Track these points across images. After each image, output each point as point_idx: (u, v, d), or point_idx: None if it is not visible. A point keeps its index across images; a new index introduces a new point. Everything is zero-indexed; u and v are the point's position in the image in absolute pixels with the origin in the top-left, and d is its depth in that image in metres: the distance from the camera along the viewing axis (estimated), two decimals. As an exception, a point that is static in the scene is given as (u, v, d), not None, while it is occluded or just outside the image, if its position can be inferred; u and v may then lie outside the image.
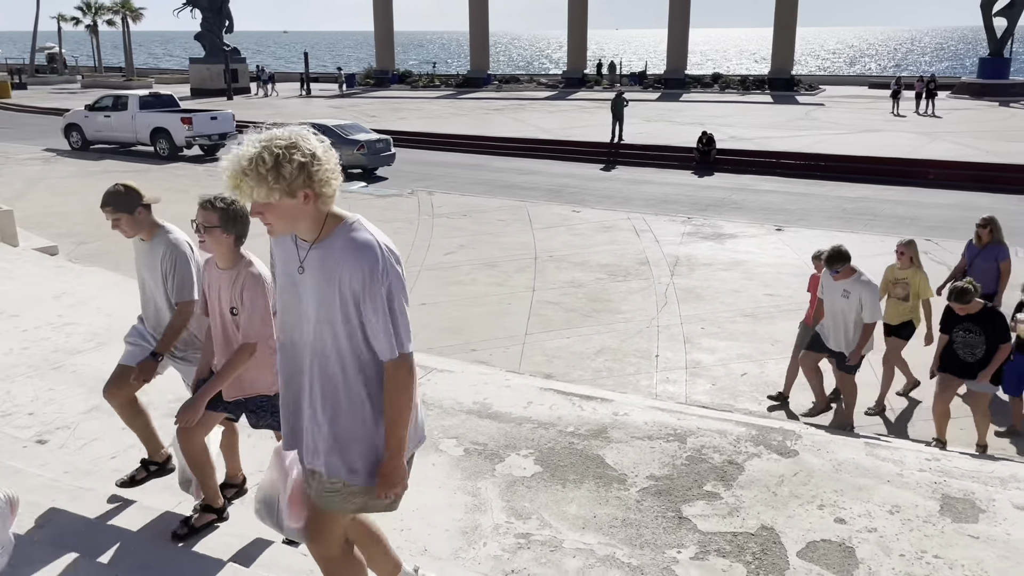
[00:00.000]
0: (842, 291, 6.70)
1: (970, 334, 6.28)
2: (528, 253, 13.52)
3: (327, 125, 21.81)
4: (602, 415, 5.83)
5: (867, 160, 21.66)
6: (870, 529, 4.40)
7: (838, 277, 6.74)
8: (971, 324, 6.21)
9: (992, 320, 6.20)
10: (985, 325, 6.20)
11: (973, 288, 6.19)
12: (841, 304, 6.73)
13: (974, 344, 6.27)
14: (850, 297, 6.63)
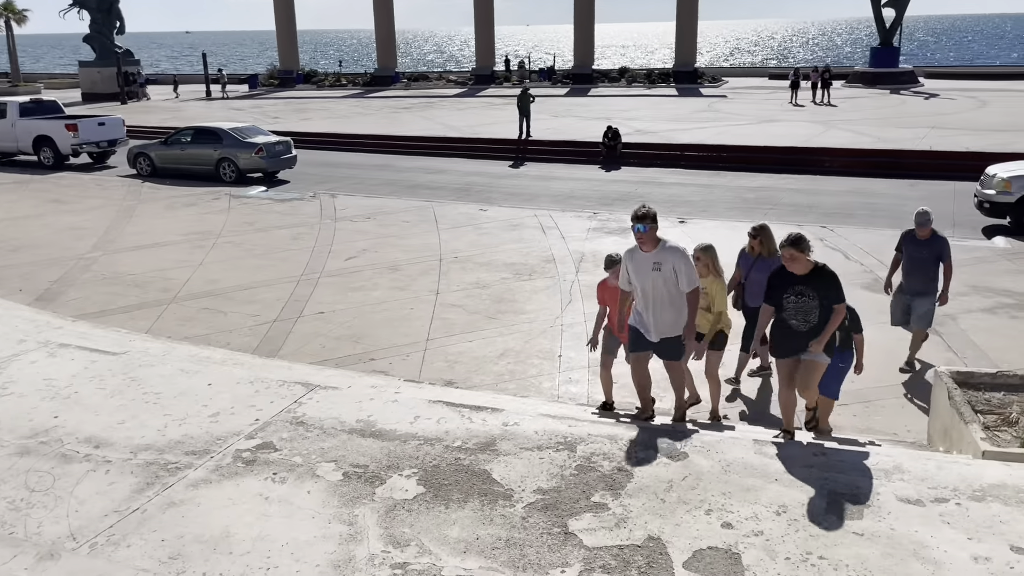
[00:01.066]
0: (652, 264, 6.07)
1: (803, 298, 5.82)
2: (433, 255, 13.24)
3: (222, 128, 21.04)
4: (492, 426, 5.62)
5: (767, 150, 22.13)
6: (756, 532, 4.31)
7: (644, 240, 6.04)
8: (803, 287, 5.76)
9: (827, 278, 5.76)
10: (818, 286, 5.75)
11: None
12: (653, 279, 6.09)
13: (807, 309, 5.82)
14: (663, 268, 6.07)
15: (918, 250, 8.21)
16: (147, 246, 14.04)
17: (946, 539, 4.21)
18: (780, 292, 5.94)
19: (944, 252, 8.12)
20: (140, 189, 19.67)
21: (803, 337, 5.90)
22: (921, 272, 8.22)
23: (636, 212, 6.08)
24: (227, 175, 20.50)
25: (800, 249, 5.73)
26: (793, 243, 5.75)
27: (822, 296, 5.78)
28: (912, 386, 7.90)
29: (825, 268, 5.83)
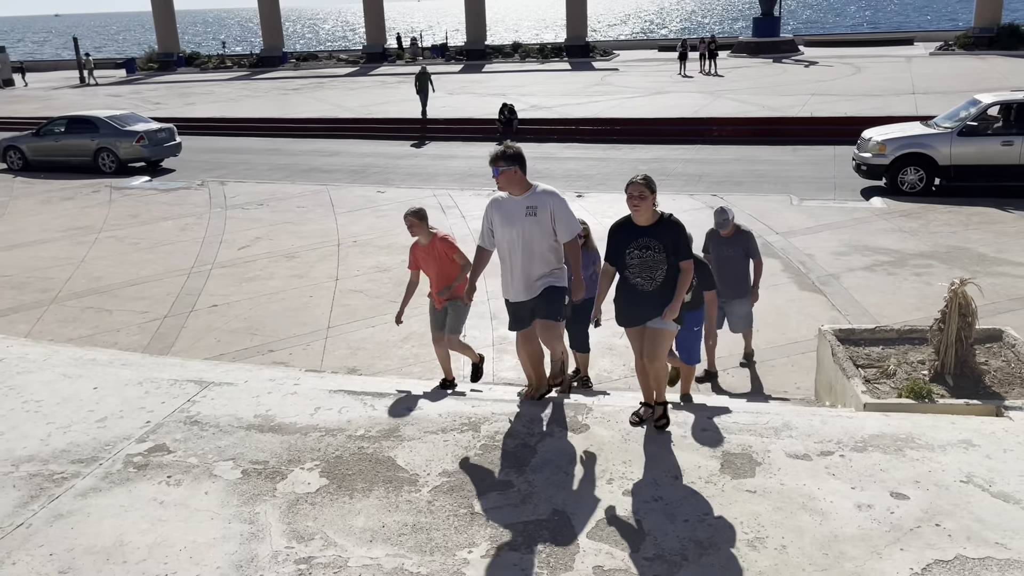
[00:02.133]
0: (525, 209, 5.40)
1: (648, 251, 5.05)
2: (331, 240, 12.99)
3: (99, 116, 20.00)
4: (395, 412, 5.57)
5: (658, 122, 22.62)
6: (656, 498, 4.44)
7: (504, 183, 5.43)
8: (649, 239, 5.01)
9: (675, 229, 5.06)
10: (666, 239, 5.02)
11: None
12: (526, 228, 5.39)
13: (653, 265, 5.07)
14: (538, 213, 5.39)
15: (725, 248, 7.61)
16: (22, 244, 13.25)
17: (832, 490, 4.44)
18: (623, 247, 5.16)
19: (751, 247, 7.63)
20: (12, 184, 18.52)
21: (649, 299, 5.11)
22: (731, 272, 7.61)
23: (492, 153, 5.43)
24: (107, 166, 19.52)
25: (650, 188, 5.01)
26: (645, 179, 5.05)
27: (669, 251, 5.04)
28: (800, 345, 8.27)
29: (672, 218, 5.10)
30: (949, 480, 4.51)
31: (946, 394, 5.77)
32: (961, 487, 4.44)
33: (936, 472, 4.59)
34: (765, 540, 4.04)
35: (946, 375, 5.99)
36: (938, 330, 6.07)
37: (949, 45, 38.25)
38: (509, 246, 5.52)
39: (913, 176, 14.44)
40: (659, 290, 5.11)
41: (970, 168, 14.16)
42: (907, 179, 14.48)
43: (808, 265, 10.69)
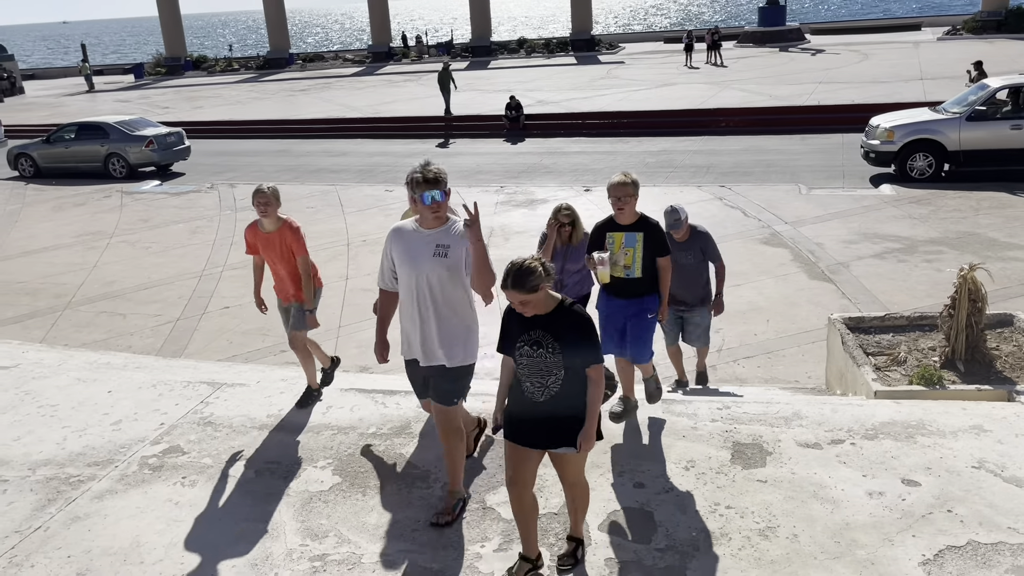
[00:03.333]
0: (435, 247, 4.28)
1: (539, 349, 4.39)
2: (340, 239, 13.04)
3: (108, 122, 20.12)
4: (405, 410, 5.61)
5: (665, 114, 22.56)
6: (667, 489, 4.45)
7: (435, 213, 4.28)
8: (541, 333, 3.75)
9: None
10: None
11: None
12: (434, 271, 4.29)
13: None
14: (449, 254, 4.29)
15: (680, 254, 6.32)
16: (36, 251, 13.36)
17: (843, 478, 4.45)
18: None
19: (710, 250, 6.45)
20: (24, 192, 18.66)
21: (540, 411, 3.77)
22: (690, 279, 6.45)
23: (424, 173, 4.18)
24: (117, 171, 19.64)
25: (527, 288, 3.59)
26: (517, 282, 3.59)
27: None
28: (811, 335, 8.25)
29: (573, 308, 3.74)
30: (961, 466, 4.50)
31: (957, 380, 5.75)
32: (973, 473, 4.43)
33: (948, 458, 4.59)
34: (777, 529, 4.05)
35: (957, 361, 5.97)
36: (948, 316, 6.05)
37: (957, 30, 37.95)
38: (408, 292, 4.32)
39: (922, 162, 14.36)
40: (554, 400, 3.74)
41: (979, 153, 14.07)
42: (916, 165, 14.40)
43: (817, 254, 10.66)
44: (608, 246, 5.04)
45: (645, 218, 5.07)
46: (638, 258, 5.02)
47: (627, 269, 5.05)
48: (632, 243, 5.02)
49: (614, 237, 5.04)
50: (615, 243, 5.05)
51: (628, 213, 5.00)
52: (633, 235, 5.01)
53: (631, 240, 5.01)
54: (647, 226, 5.03)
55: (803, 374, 7.54)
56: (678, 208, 6.39)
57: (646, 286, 5.11)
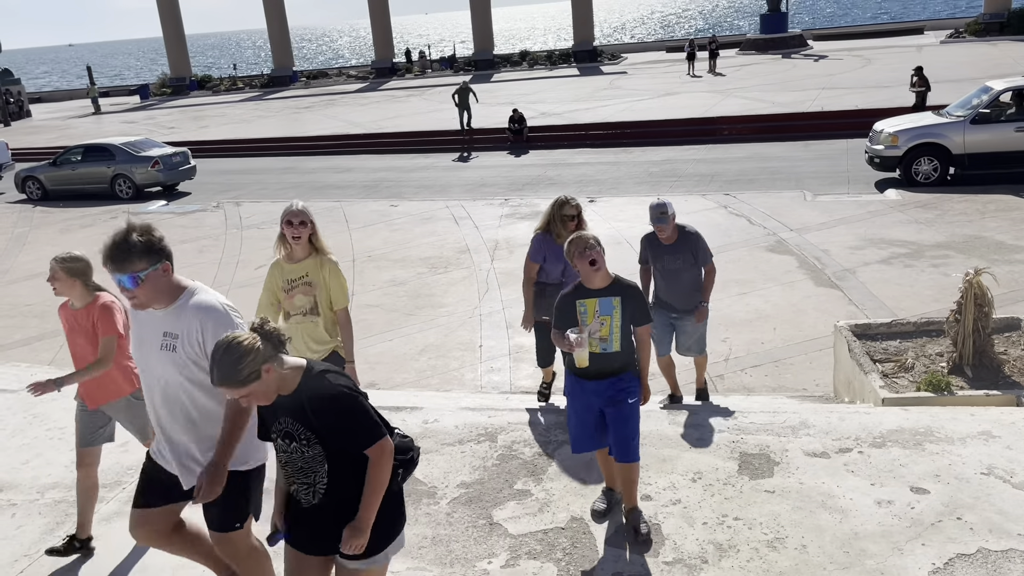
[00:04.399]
0: (162, 335, 3.33)
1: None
2: (346, 255, 13.08)
3: (114, 144, 20.26)
4: (412, 426, 5.61)
5: (668, 123, 22.58)
6: (674, 501, 4.44)
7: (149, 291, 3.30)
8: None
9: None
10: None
11: None
12: (159, 366, 3.39)
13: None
14: (177, 347, 3.33)
15: (668, 258, 5.95)
16: (44, 273, 13.37)
17: (851, 487, 4.42)
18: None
19: (700, 251, 5.93)
20: (31, 214, 18.79)
21: None
22: (680, 285, 6.01)
23: (115, 248, 3.26)
24: (123, 192, 19.76)
25: (238, 382, 2.82)
26: (223, 377, 2.85)
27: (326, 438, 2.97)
28: (818, 342, 8.22)
29: (325, 378, 2.94)
30: (970, 473, 4.47)
31: (965, 386, 5.72)
32: (982, 479, 4.40)
33: (956, 465, 4.56)
34: (785, 540, 4.03)
35: (965, 366, 5.94)
36: (955, 321, 6.03)
37: (960, 32, 37.92)
38: (146, 385, 3.45)
39: (927, 166, 14.33)
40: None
41: (985, 156, 14.03)
42: (921, 170, 14.37)
43: (824, 261, 10.63)
44: (581, 318, 4.18)
45: (620, 279, 4.26)
46: (616, 328, 4.16)
47: (603, 342, 4.18)
48: (608, 310, 4.16)
49: (587, 305, 4.18)
50: (588, 312, 4.18)
51: (602, 273, 4.17)
52: (608, 300, 4.17)
53: (607, 307, 4.17)
54: (624, 288, 4.22)
55: (811, 382, 7.51)
56: (665, 203, 5.81)
57: (624, 360, 4.23)
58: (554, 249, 5.83)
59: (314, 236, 4.78)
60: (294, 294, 4.78)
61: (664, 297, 6.09)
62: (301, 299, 4.78)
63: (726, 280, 10.10)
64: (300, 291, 4.77)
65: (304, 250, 4.77)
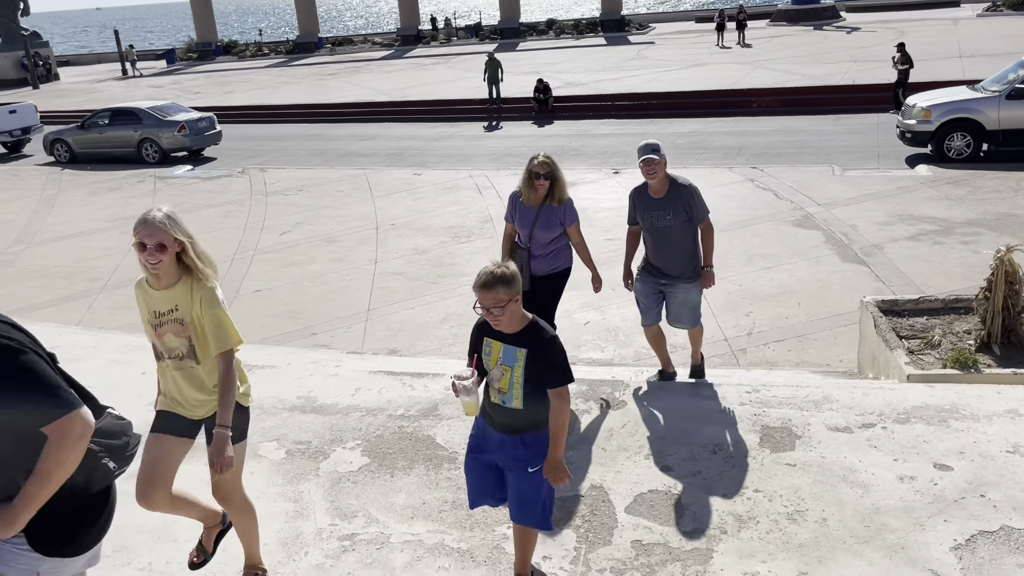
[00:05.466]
0: None
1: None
2: (369, 223, 13.10)
3: (141, 107, 20.36)
4: (433, 392, 5.64)
5: (696, 95, 22.30)
6: (694, 472, 4.44)
7: None
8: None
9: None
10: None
11: None
12: None
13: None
14: None
15: (658, 214, 5.32)
16: (72, 235, 13.60)
17: (873, 462, 4.40)
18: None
19: (695, 207, 5.28)
20: (60, 177, 18.98)
21: None
22: (672, 245, 5.39)
23: None
24: (150, 156, 19.89)
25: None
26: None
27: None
28: (843, 318, 8.14)
29: None
30: (995, 450, 4.43)
31: (992, 364, 5.65)
32: (1007, 457, 4.36)
33: (981, 443, 4.52)
34: (805, 513, 4.02)
35: (992, 344, 5.86)
36: (984, 299, 5.94)
37: (997, 6, 36.99)
38: None
39: (960, 142, 14.06)
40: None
41: (1020, 132, 13.72)
42: (953, 145, 14.10)
43: (851, 236, 10.50)
44: (486, 359, 3.44)
45: (536, 328, 3.35)
46: (516, 382, 3.36)
47: (502, 395, 3.43)
48: (510, 361, 3.35)
49: (492, 347, 3.41)
50: (492, 355, 3.41)
51: (508, 319, 3.27)
52: (513, 351, 3.34)
53: (510, 357, 3.35)
54: (536, 340, 3.31)
55: (835, 357, 7.45)
56: (654, 144, 5.19)
57: (530, 421, 3.43)
58: (522, 211, 5.44)
59: (185, 253, 3.35)
60: (163, 332, 3.45)
61: (652, 259, 5.53)
62: (173, 340, 3.45)
63: (751, 254, 10.02)
64: (170, 330, 3.44)
65: (171, 274, 3.38)
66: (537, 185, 5.27)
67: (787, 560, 3.71)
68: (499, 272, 3.22)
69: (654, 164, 5.17)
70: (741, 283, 9.13)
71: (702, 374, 5.94)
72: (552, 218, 5.39)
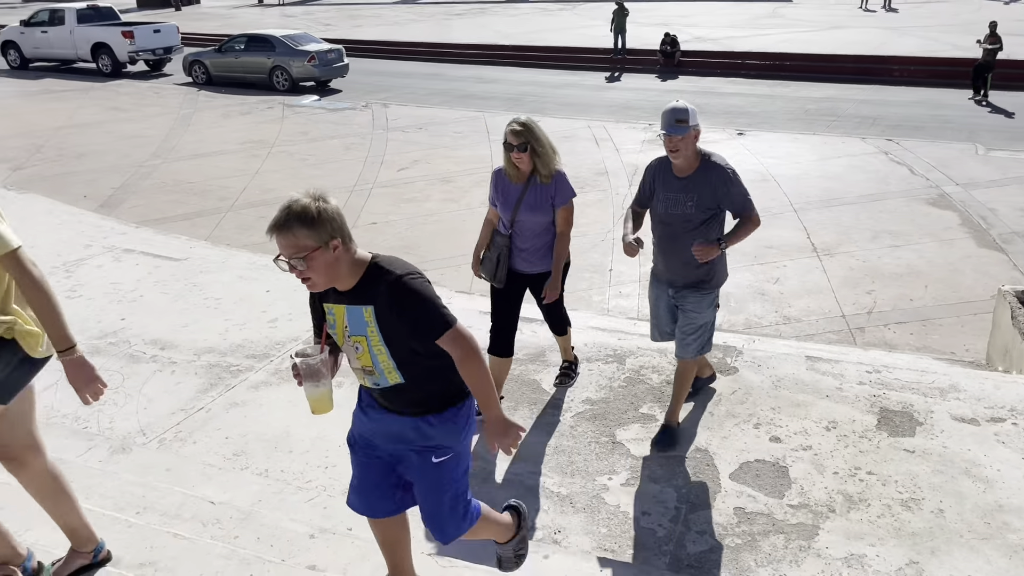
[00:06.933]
0: None
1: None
2: (484, 167, 13.14)
3: (275, 35, 20.89)
4: (541, 338, 5.67)
5: (833, 58, 21.22)
6: (805, 447, 4.33)
7: None
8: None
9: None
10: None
11: None
12: None
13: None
14: None
15: (673, 200, 4.07)
16: (204, 154, 14.21)
17: (1000, 458, 4.17)
18: None
19: (729, 195, 3.98)
20: (196, 97, 19.79)
21: None
22: (683, 243, 4.06)
23: None
24: (280, 84, 20.47)
25: None
26: None
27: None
28: (973, 305, 7.70)
29: None
30: None
31: None
32: None
33: (1124, 452, 4.22)
34: (921, 502, 3.87)
35: None
36: None
37: None
38: None
39: None
40: None
41: None
42: (1119, 132, 12.96)
43: (989, 220, 9.86)
44: (331, 332, 2.65)
45: (377, 271, 2.50)
46: (379, 356, 2.56)
47: (369, 376, 2.63)
48: (359, 328, 2.55)
49: (334, 313, 2.60)
50: (337, 325, 2.61)
51: (319, 274, 2.45)
52: (359, 313, 2.53)
53: (357, 322, 2.55)
54: (379, 289, 2.48)
55: (960, 346, 7.07)
56: (686, 105, 3.92)
57: (422, 395, 2.65)
58: (505, 189, 4.36)
59: None
60: None
61: (659, 261, 4.28)
62: None
63: (878, 230, 9.56)
64: None
65: None
66: (514, 159, 4.21)
67: (898, 547, 3.59)
68: (298, 206, 2.37)
69: (676, 140, 3.89)
70: (865, 259, 8.74)
71: (672, 439, 4.39)
72: (541, 197, 4.26)
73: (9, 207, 9.79)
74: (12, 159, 13.68)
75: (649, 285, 4.48)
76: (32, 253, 2.70)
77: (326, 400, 2.62)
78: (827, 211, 10.33)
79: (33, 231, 8.13)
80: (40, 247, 7.52)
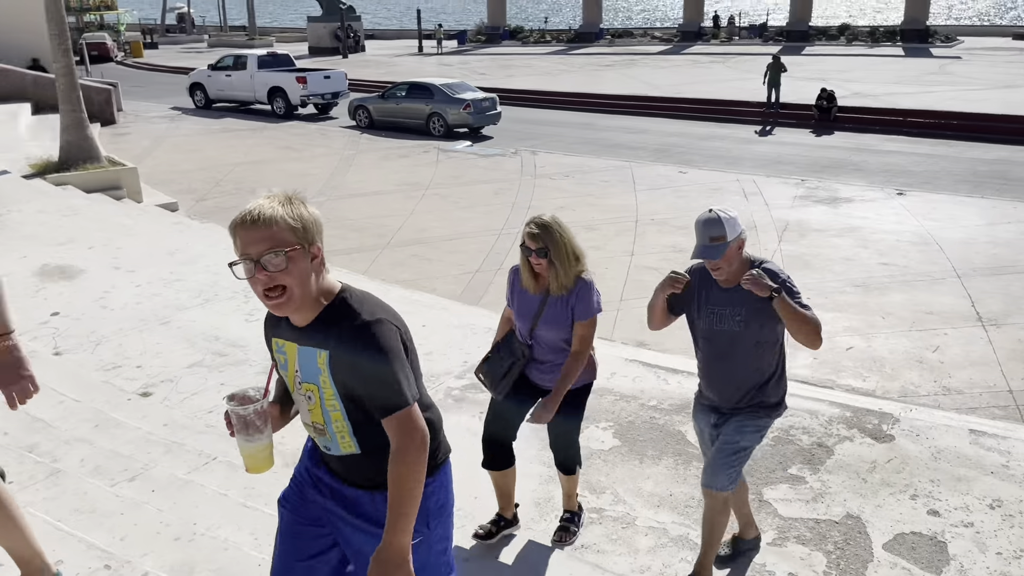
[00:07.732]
0: None
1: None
2: (629, 216, 13.27)
3: (435, 84, 21.95)
4: (687, 389, 5.68)
5: (1005, 119, 20.07)
6: (966, 524, 4.13)
7: None
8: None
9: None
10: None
11: None
12: None
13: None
14: None
15: (717, 315, 3.50)
16: (365, 194, 15.09)
17: None
18: None
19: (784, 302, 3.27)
20: (359, 140, 21.05)
21: None
22: (733, 363, 3.53)
23: None
24: (436, 129, 21.46)
25: None
26: None
27: None
28: None
29: None
30: None
31: None
32: None
33: None
34: (1097, 595, 3.62)
35: None
36: None
37: None
38: None
39: None
40: None
41: None
42: None
43: None
44: (281, 373, 2.30)
45: (342, 307, 2.16)
46: (332, 414, 2.17)
47: (319, 434, 2.23)
48: (312, 375, 2.17)
49: (285, 350, 2.24)
50: (288, 366, 2.24)
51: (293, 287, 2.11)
52: (311, 353, 2.15)
53: (308, 365, 2.17)
54: (337, 330, 2.12)
55: None
56: (722, 215, 3.31)
57: (372, 470, 2.15)
58: (522, 297, 3.79)
59: None
60: None
61: (705, 386, 3.73)
62: None
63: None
64: None
65: None
66: (532, 264, 3.63)
67: (1070, 640, 3.37)
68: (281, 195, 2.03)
69: (717, 263, 3.31)
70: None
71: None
72: (561, 311, 3.66)
73: (194, 235, 10.77)
74: (196, 190, 15.03)
75: (694, 410, 3.89)
76: (218, 280, 3.02)
77: (263, 457, 2.17)
78: (995, 279, 9.77)
79: (215, 259, 8.92)
80: (221, 275, 8.23)
